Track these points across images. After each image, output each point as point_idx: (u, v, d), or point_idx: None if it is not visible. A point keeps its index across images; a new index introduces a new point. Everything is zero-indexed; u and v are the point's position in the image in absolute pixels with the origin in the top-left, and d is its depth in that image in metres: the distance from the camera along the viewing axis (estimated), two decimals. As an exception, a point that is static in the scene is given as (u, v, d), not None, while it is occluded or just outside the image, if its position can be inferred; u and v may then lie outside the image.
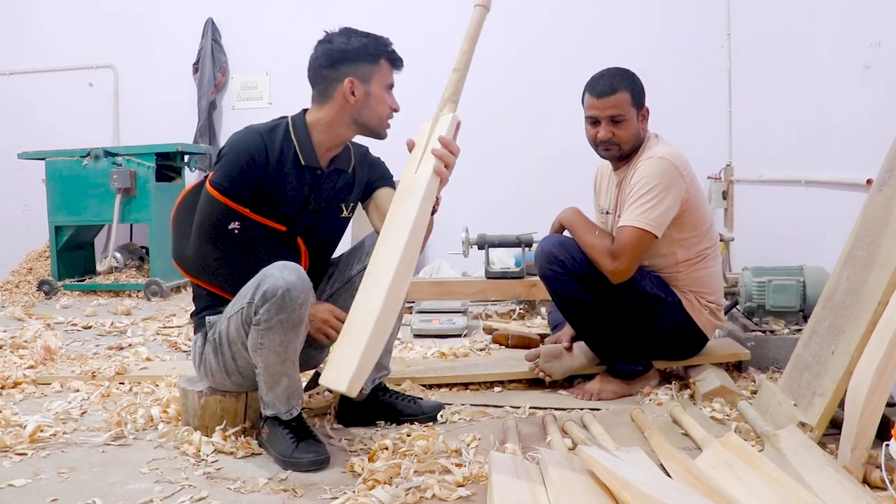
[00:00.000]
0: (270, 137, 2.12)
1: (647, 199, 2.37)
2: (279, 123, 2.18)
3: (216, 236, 2.08)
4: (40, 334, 3.58)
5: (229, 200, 2.06)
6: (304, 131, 2.17)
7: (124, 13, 6.18)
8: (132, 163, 5.22)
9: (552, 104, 5.43)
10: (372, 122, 2.17)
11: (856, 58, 3.03)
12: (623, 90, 2.45)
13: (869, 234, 2.06)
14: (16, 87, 6.40)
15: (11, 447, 2.09)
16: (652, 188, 2.37)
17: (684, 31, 5.36)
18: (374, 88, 2.14)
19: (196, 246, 2.12)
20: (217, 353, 2.10)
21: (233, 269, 2.09)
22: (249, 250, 2.10)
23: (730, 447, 1.83)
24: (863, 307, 1.91)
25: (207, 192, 2.08)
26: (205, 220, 2.09)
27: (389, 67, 2.16)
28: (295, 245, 2.22)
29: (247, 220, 2.10)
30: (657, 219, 2.36)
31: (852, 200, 2.91)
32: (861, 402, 1.69)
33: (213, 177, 2.08)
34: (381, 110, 2.16)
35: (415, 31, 5.62)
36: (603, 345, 2.56)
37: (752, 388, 2.57)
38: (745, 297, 3.01)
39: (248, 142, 2.09)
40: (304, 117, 2.19)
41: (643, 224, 2.36)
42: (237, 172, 2.06)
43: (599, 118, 2.48)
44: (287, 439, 1.99)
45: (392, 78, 2.18)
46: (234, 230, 2.08)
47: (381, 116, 2.16)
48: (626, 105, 2.45)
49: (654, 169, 2.39)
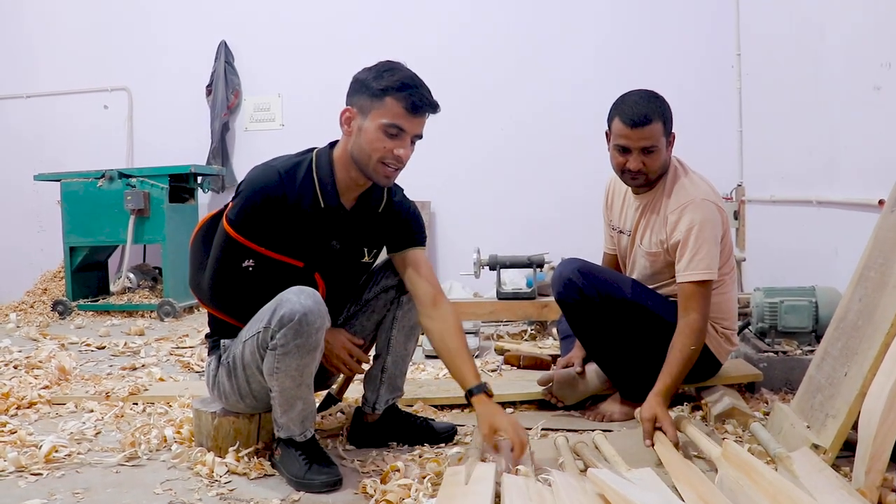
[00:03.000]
0: (291, 176, 2.04)
1: (699, 248, 2.34)
2: (303, 160, 2.10)
3: (230, 272, 2.06)
4: (55, 354, 3.60)
5: (243, 238, 2.03)
6: (328, 168, 2.08)
7: (138, 36, 6.27)
8: (146, 184, 5.27)
9: (563, 128, 5.46)
10: (361, 160, 2.02)
11: (867, 78, 3.04)
12: (657, 120, 2.35)
13: (881, 255, 2.05)
14: (32, 110, 6.50)
15: (27, 467, 2.10)
16: (701, 237, 2.34)
17: (695, 51, 5.39)
18: (367, 123, 1.99)
19: (210, 278, 2.10)
20: (231, 376, 2.11)
21: (246, 303, 2.08)
22: (264, 286, 2.07)
23: (731, 459, 1.82)
24: (875, 328, 1.91)
25: (223, 228, 2.05)
26: (219, 254, 2.07)
27: (400, 109, 1.97)
28: (312, 281, 2.16)
29: (261, 257, 2.06)
30: (711, 264, 2.34)
31: (864, 221, 2.91)
32: (875, 424, 1.68)
33: (230, 212, 2.05)
34: (370, 148, 1.99)
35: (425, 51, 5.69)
36: (617, 369, 2.56)
37: (764, 409, 2.56)
38: (757, 317, 3.00)
39: (265, 181, 2.02)
40: (330, 152, 2.12)
41: (702, 276, 2.33)
42: (252, 211, 2.01)
43: (631, 148, 2.38)
44: (300, 461, 2.00)
45: (400, 120, 1.97)
46: (248, 267, 2.05)
47: (371, 156, 2.00)
48: (659, 135, 2.37)
49: (700, 216, 2.36)
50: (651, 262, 2.54)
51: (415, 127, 2.02)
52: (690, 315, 2.30)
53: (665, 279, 2.54)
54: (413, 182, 2.12)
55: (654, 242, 2.50)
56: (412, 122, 2.00)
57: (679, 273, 2.38)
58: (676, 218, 2.40)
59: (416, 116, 2.00)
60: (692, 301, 2.32)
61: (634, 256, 2.61)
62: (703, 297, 2.33)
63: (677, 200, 2.43)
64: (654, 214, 2.50)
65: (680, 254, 2.38)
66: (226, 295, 2.12)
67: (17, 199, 6.40)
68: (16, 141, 6.49)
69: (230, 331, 2.16)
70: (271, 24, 6.09)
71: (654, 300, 2.48)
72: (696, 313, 2.31)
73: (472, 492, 1.71)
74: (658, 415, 2.15)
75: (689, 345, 2.27)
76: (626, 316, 2.44)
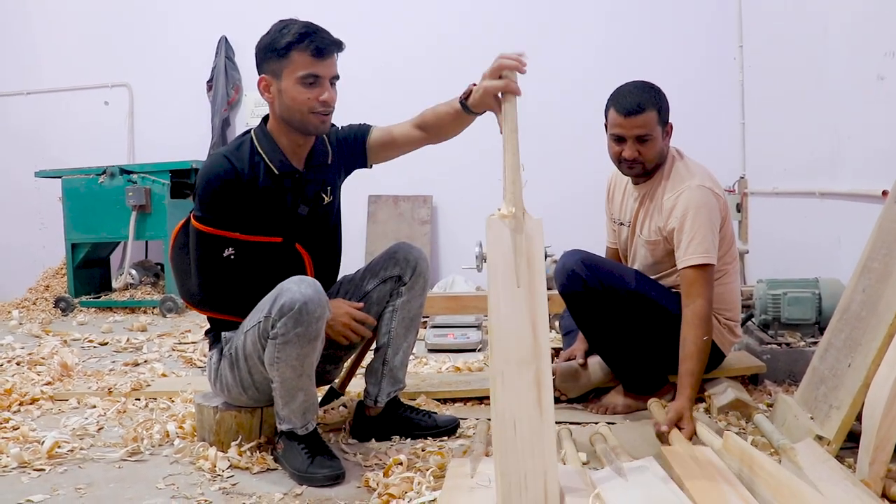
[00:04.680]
0: (238, 156, 2.09)
1: (696, 233, 2.34)
2: (243, 140, 2.16)
3: (214, 267, 2.08)
4: (57, 351, 3.60)
5: (215, 229, 2.05)
6: (268, 139, 2.14)
7: (139, 32, 6.25)
8: (147, 180, 5.27)
9: (564, 122, 5.44)
10: (293, 119, 2.07)
11: (870, 68, 3.02)
12: (651, 108, 2.37)
13: (885, 246, 2.05)
14: (33, 106, 6.48)
15: (30, 463, 2.10)
16: (696, 221, 2.34)
17: (697, 43, 5.37)
18: (284, 83, 2.04)
19: (198, 281, 2.12)
20: (233, 368, 2.11)
21: (239, 294, 2.09)
22: (251, 271, 2.10)
23: (732, 451, 1.81)
24: (879, 319, 1.90)
25: (194, 227, 2.09)
26: (198, 254, 2.09)
27: (307, 58, 2.01)
28: (296, 253, 2.19)
29: (239, 243, 2.08)
30: (709, 248, 2.33)
31: (868, 212, 2.90)
32: (878, 415, 1.67)
33: (194, 210, 2.09)
34: (296, 105, 2.04)
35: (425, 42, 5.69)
36: (620, 361, 2.55)
37: (767, 401, 2.56)
38: (760, 309, 3.00)
39: (216, 167, 2.06)
40: (264, 127, 2.16)
41: (701, 259, 2.32)
42: (213, 199, 2.05)
43: (626, 137, 2.40)
44: (302, 454, 2.00)
45: (312, 68, 2.02)
46: (229, 256, 2.07)
47: (300, 111, 2.05)
48: (653, 124, 2.39)
49: (695, 201, 2.36)
50: (651, 251, 2.53)
51: (327, 69, 2.06)
52: (696, 302, 2.29)
53: (666, 269, 2.53)
54: (414, 176, 2.10)
55: (652, 231, 2.50)
56: (323, 65, 2.04)
57: (679, 260, 2.37)
58: (672, 204, 2.41)
59: (325, 59, 2.04)
60: (695, 287, 2.31)
61: (635, 247, 2.61)
62: (706, 281, 2.32)
63: (673, 187, 2.44)
64: (652, 203, 2.51)
65: (677, 240, 2.38)
66: (217, 291, 2.12)
67: (19, 195, 6.39)
68: (17, 137, 6.47)
69: (230, 323, 2.16)
70: (272, 20, 6.03)
71: (657, 291, 2.48)
72: (701, 299, 2.29)
73: (478, 486, 1.70)
74: (686, 416, 2.12)
75: (700, 336, 2.26)
76: (630, 307, 2.43)
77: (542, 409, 1.55)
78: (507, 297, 1.64)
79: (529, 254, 1.67)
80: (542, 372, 1.58)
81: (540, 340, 1.61)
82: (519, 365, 1.59)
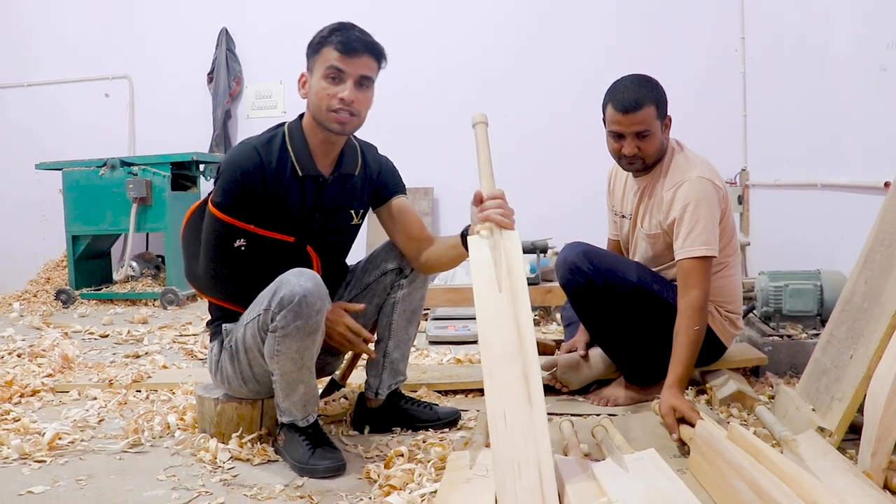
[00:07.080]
0: (267, 150, 2.07)
1: (695, 224, 2.33)
2: (276, 133, 2.13)
3: (223, 254, 2.07)
4: (58, 343, 3.61)
5: (231, 218, 2.03)
6: (301, 138, 2.12)
7: (139, 24, 6.24)
8: (148, 172, 5.26)
9: (565, 109, 5.43)
10: (318, 116, 2.07)
11: (872, 60, 3.01)
12: (649, 104, 2.34)
13: (887, 238, 2.04)
14: (33, 98, 6.47)
15: (30, 454, 2.10)
16: (696, 213, 2.33)
17: (698, 35, 5.34)
18: (313, 79, 2.06)
19: (205, 265, 2.11)
20: (233, 360, 2.11)
21: (244, 285, 2.08)
22: (259, 265, 2.08)
23: (737, 442, 1.81)
24: (881, 311, 1.89)
25: (210, 212, 2.06)
26: (210, 239, 2.08)
27: (334, 52, 2.01)
28: (305, 254, 2.18)
29: (252, 235, 2.07)
30: (708, 240, 2.32)
31: (870, 203, 2.89)
32: (880, 406, 1.67)
33: (213, 196, 2.07)
34: (318, 99, 2.04)
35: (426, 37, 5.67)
36: (622, 353, 2.55)
37: (769, 393, 2.56)
38: (761, 301, 2.99)
39: (243, 157, 2.05)
40: (299, 122, 2.15)
41: (700, 251, 2.31)
42: (235, 190, 2.03)
43: (624, 133, 2.38)
44: (303, 446, 2.00)
45: (336, 62, 2.00)
46: (240, 247, 2.06)
47: (321, 107, 2.04)
48: (652, 119, 2.36)
49: (695, 193, 2.35)
50: (652, 244, 2.53)
51: (354, 67, 2.02)
52: (691, 293, 2.27)
53: (667, 261, 2.53)
54: (416, 169, 2.10)
55: (653, 224, 2.49)
56: (349, 62, 2.01)
57: (677, 251, 2.36)
58: (671, 196, 2.40)
59: (353, 57, 2.01)
60: (691, 277, 2.30)
61: (636, 240, 2.61)
62: (703, 273, 2.31)
63: (672, 179, 2.42)
64: (652, 198, 2.50)
65: (676, 231, 2.37)
66: (222, 279, 2.12)
67: (19, 188, 6.38)
68: (17, 130, 6.46)
69: (231, 315, 2.16)
70: (272, 11, 6.05)
71: (659, 283, 2.47)
72: (697, 290, 2.28)
73: (476, 476, 1.71)
74: (676, 406, 2.09)
75: (692, 325, 2.24)
76: (632, 299, 2.42)
77: (532, 401, 1.63)
78: (490, 302, 1.79)
79: (509, 265, 1.85)
80: (529, 366, 1.68)
81: (525, 338, 1.72)
82: (505, 361, 1.69)
